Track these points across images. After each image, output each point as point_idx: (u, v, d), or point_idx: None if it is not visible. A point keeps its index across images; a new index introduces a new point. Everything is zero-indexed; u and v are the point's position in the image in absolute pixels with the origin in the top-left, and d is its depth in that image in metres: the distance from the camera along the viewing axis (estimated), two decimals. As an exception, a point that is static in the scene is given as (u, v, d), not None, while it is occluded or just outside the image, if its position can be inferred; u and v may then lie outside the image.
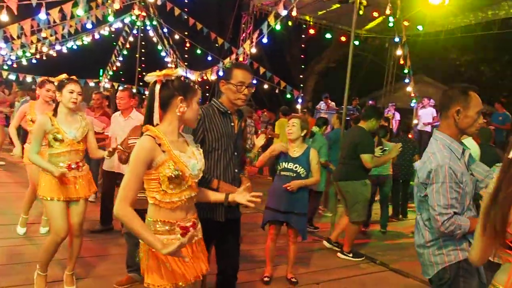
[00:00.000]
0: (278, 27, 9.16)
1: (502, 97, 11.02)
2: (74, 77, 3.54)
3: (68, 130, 3.43)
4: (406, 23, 12.37)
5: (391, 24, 9.98)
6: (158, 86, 2.06)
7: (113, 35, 16.05)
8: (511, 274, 1.47)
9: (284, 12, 8.86)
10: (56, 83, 3.51)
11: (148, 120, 2.08)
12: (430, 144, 2.42)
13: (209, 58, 14.83)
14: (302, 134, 4.14)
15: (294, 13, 9.14)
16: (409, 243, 5.60)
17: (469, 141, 5.38)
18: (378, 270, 4.96)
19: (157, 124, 2.07)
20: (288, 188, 3.96)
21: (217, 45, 13.87)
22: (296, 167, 4.04)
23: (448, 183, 2.21)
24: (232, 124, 2.80)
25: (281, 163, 4.08)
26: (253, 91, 2.79)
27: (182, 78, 2.12)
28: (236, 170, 2.81)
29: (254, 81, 14.54)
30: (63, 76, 3.51)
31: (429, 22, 14.27)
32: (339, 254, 5.22)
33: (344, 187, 5.14)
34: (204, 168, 2.21)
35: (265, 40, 9.66)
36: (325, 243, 5.44)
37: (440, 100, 2.50)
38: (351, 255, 5.17)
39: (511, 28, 12.53)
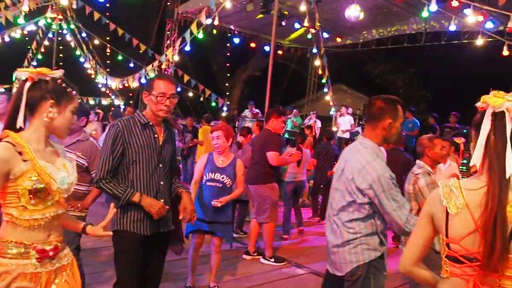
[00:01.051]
0: (200, 35, 9.16)
1: (411, 106, 11.88)
2: None
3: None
4: (325, 35, 13.01)
5: (309, 36, 10.38)
6: (28, 85, 1.80)
7: (27, 38, 15.02)
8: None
9: (207, 21, 8.89)
10: None
11: (11, 123, 1.80)
12: (359, 151, 2.48)
13: (131, 65, 14.43)
14: (229, 144, 4.12)
15: (216, 22, 9.20)
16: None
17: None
18: (300, 273, 5.10)
19: (21, 129, 1.81)
20: (218, 205, 3.93)
21: (140, 51, 13.55)
22: (223, 177, 3.99)
23: (394, 188, 2.34)
24: (156, 135, 2.72)
25: (207, 174, 4.02)
26: (176, 102, 2.75)
27: (59, 81, 1.89)
28: (161, 183, 2.73)
29: (179, 89, 14.41)
30: None
31: (346, 34, 15.15)
32: (261, 260, 5.29)
33: (253, 191, 5.25)
34: (75, 182, 1.98)
35: (187, 48, 9.62)
36: (245, 256, 5.40)
37: (368, 109, 2.59)
38: (273, 260, 5.26)
39: (418, 42, 13.67)
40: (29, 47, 16.18)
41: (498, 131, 1.42)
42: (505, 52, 7.19)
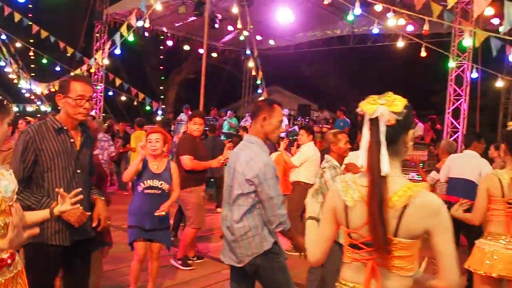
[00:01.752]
0: (131, 38, 8.93)
1: (342, 106, 12.39)
2: None
3: None
4: (258, 37, 13.23)
5: (242, 38, 10.52)
6: None
7: None
8: (356, 271, 1.64)
9: (138, 23, 8.71)
10: None
11: None
12: (247, 147, 2.81)
13: (58, 68, 13.73)
14: (164, 149, 4.01)
15: (147, 25, 9.04)
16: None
17: (310, 146, 5.97)
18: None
19: None
20: (161, 214, 3.83)
21: (68, 55, 12.94)
22: (161, 184, 3.87)
23: (275, 178, 2.69)
24: (72, 140, 2.60)
25: (144, 181, 3.85)
26: (93, 104, 2.70)
27: None
28: (80, 189, 2.58)
29: (111, 93, 13.96)
30: None
31: (279, 37, 15.50)
32: (171, 261, 5.06)
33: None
34: (16, 189, 1.96)
35: (118, 51, 9.34)
36: (172, 261, 5.14)
37: (252, 109, 2.95)
38: (180, 262, 5.05)
39: (347, 44, 14.31)
40: None
41: (374, 134, 1.57)
42: (423, 53, 7.73)
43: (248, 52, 10.53)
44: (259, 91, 11.12)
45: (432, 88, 16.98)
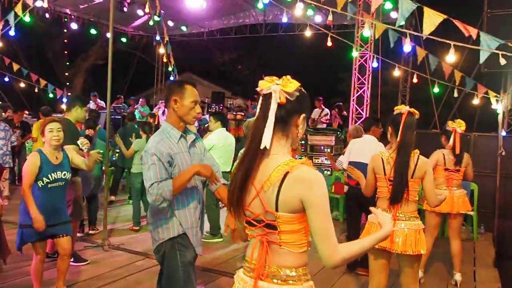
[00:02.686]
0: (27, 19, 8.20)
1: (255, 93, 12.60)
2: None
3: None
4: (170, 23, 12.91)
5: (151, 23, 10.21)
6: None
7: None
8: (254, 247, 1.68)
9: (36, 3, 8.03)
10: None
11: None
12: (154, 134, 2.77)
13: None
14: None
15: (45, 5, 8.37)
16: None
17: (218, 132, 5.96)
18: (153, 264, 5.07)
19: None
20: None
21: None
22: (64, 174, 3.69)
23: (151, 162, 2.56)
24: None
25: (48, 175, 3.58)
26: None
27: None
28: None
29: (7, 79, 12.78)
30: None
31: (191, 23, 15.27)
32: None
33: None
34: None
35: (12, 33, 8.52)
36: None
37: (164, 94, 2.88)
38: (72, 259, 4.48)
39: (258, 33, 14.53)
40: None
41: (263, 109, 1.63)
42: (329, 43, 8.12)
43: (158, 38, 10.23)
44: (171, 78, 10.90)
45: (339, 77, 17.97)
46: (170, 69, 9.99)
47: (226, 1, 12.61)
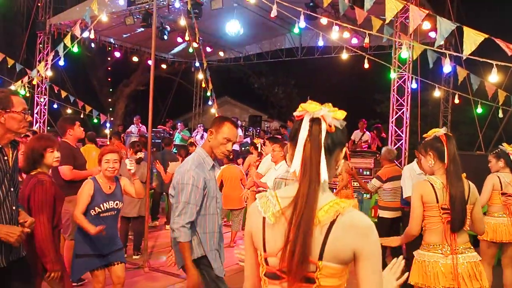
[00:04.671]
0: (75, 49, 8.69)
1: (291, 116, 12.64)
2: None
3: None
4: (208, 49, 13.27)
5: (191, 50, 10.53)
6: None
7: None
8: None
9: (84, 34, 8.50)
10: None
11: None
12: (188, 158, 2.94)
13: (-3, 81, 13.07)
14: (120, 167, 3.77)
15: (92, 36, 8.84)
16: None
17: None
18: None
19: None
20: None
21: (8, 66, 12.34)
22: (116, 203, 3.64)
23: (189, 188, 2.71)
24: (6, 158, 2.50)
25: (100, 205, 3.55)
26: (30, 118, 2.68)
27: None
28: (14, 207, 2.52)
29: (56, 106, 13.46)
30: None
31: (228, 49, 15.65)
32: None
33: None
34: None
35: (61, 63, 9.04)
36: None
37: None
38: None
39: (294, 56, 14.68)
40: None
41: (313, 137, 1.37)
42: (366, 65, 8.08)
43: (197, 64, 10.53)
44: (210, 103, 11.14)
45: (377, 98, 17.76)
46: (208, 93, 10.22)
47: (262, 27, 12.84)
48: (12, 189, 2.52)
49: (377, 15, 6.88)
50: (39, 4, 13.65)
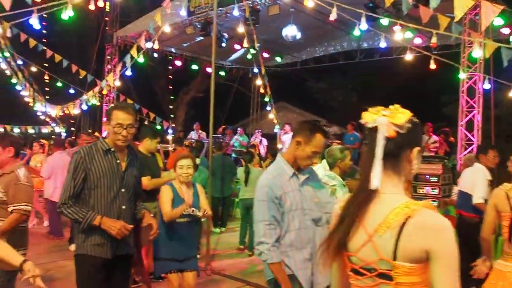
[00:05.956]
0: (141, 59, 9.09)
1: (352, 120, 12.36)
2: None
3: None
4: (265, 55, 13.34)
5: (249, 56, 10.62)
6: None
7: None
8: None
9: (147, 45, 8.86)
10: None
11: None
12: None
13: (72, 91, 13.98)
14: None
15: (156, 46, 9.19)
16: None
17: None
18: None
19: None
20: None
21: (80, 77, 13.17)
22: (193, 210, 3.67)
23: (266, 201, 2.50)
24: (118, 161, 2.83)
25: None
26: (133, 131, 2.82)
27: None
28: (123, 207, 2.84)
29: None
30: None
31: (285, 53, 15.63)
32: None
33: None
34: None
35: (128, 73, 9.49)
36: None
37: (295, 126, 2.80)
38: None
39: (353, 59, 14.34)
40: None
41: (370, 144, 1.46)
42: (433, 66, 7.71)
43: (255, 70, 10.61)
44: (268, 108, 11.18)
45: (442, 100, 16.91)
46: (266, 99, 10.26)
47: (319, 30, 12.69)
48: (123, 190, 2.84)
49: (444, 12, 6.54)
50: (106, 19, 14.48)
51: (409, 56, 9.07)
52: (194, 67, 15.48)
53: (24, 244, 3.28)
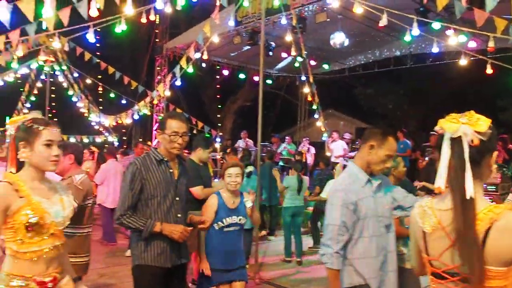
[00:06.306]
0: (190, 70, 9.32)
1: (402, 127, 12.03)
2: None
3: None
4: (312, 62, 13.27)
5: (297, 64, 10.61)
6: (13, 135, 2.03)
7: (19, 81, 15.19)
8: None
9: (196, 55, 9.07)
10: None
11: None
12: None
13: (124, 101, 14.57)
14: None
15: (205, 56, 9.39)
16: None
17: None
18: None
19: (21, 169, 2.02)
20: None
21: (131, 88, 13.70)
22: (240, 219, 3.65)
23: (339, 206, 2.50)
24: (171, 170, 2.89)
25: (224, 219, 3.59)
26: (187, 139, 2.88)
27: (27, 122, 2.02)
28: (179, 215, 2.90)
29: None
30: None
31: (333, 60, 15.48)
32: (190, 285, 4.90)
33: None
34: (71, 215, 2.13)
35: (178, 83, 9.75)
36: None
37: (363, 135, 2.75)
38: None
39: (403, 64, 13.96)
40: (22, 89, 16.30)
41: (457, 155, 1.48)
42: (489, 70, 7.36)
43: (303, 78, 10.58)
44: (316, 116, 11.09)
45: (499, 105, 16.10)
46: (314, 107, 10.18)
47: (367, 36, 12.47)
48: (177, 198, 2.90)
49: (500, 14, 6.24)
50: (156, 31, 15.01)
51: (463, 61, 8.71)
52: (241, 76, 15.67)
53: (86, 251, 3.41)
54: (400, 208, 2.72)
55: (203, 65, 14.15)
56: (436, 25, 8.01)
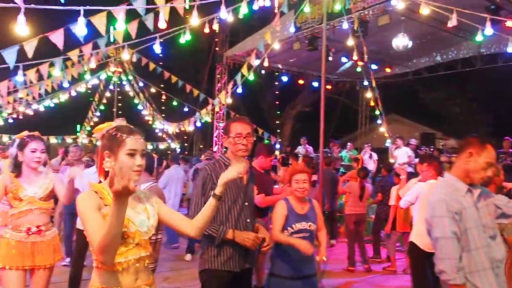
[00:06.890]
0: (251, 77, 9.43)
1: (471, 132, 11.34)
2: (36, 133, 3.33)
3: (28, 187, 3.22)
4: (374, 67, 12.95)
5: (359, 69, 10.39)
6: (99, 143, 1.99)
7: (89, 91, 16.22)
8: None
9: (256, 62, 9.17)
10: (17, 142, 3.25)
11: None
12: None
13: (186, 109, 15.03)
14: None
15: (266, 64, 9.46)
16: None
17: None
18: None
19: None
20: (324, 259, 3.69)
21: (193, 96, 14.12)
22: (310, 225, 3.53)
23: (441, 218, 2.38)
24: (240, 176, 2.82)
25: (292, 225, 3.48)
26: (252, 141, 2.88)
27: (111, 130, 1.96)
28: (248, 220, 2.91)
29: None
30: (25, 133, 3.28)
31: (395, 64, 15.00)
32: None
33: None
34: (156, 225, 2.05)
35: (239, 90, 9.91)
36: None
37: (459, 144, 2.64)
38: None
39: (472, 66, 13.22)
40: (91, 99, 17.38)
41: None
42: None
43: (365, 82, 10.35)
44: (379, 121, 10.78)
45: None
46: (377, 112, 9.91)
47: (433, 38, 11.95)
48: (246, 203, 2.91)
49: None
50: (216, 40, 15.38)
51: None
52: (300, 82, 15.62)
53: (155, 258, 3.42)
54: (504, 216, 2.58)
55: (262, 71, 14.29)
56: (510, 22, 7.51)
